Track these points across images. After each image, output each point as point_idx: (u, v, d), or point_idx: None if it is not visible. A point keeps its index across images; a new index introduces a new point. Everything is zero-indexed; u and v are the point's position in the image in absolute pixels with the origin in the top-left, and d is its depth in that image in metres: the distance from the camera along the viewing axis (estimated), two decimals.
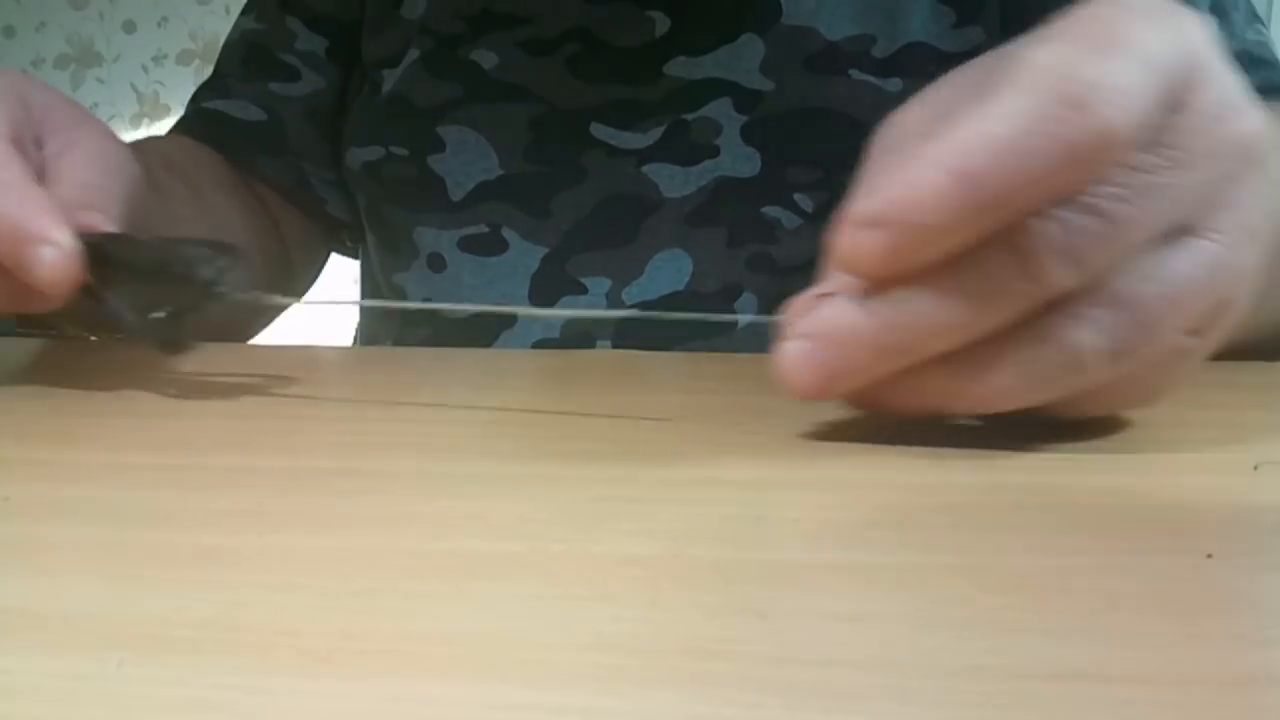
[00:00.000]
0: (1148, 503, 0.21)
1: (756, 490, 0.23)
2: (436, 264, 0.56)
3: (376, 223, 0.59)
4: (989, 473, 0.24)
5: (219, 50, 0.64)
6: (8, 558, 0.19)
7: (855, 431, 0.27)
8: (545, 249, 0.54)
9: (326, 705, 0.13)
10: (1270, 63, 0.52)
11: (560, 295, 0.53)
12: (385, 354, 0.53)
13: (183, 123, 0.62)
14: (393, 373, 0.41)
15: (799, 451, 0.26)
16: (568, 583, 0.17)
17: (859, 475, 0.23)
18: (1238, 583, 0.17)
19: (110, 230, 0.33)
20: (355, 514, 0.21)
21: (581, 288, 0.53)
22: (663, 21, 0.53)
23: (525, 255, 0.54)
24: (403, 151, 0.56)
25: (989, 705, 0.13)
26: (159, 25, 2.43)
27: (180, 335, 0.32)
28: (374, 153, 0.57)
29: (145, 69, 2.46)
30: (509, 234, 0.54)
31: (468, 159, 0.55)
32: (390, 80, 0.57)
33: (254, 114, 0.61)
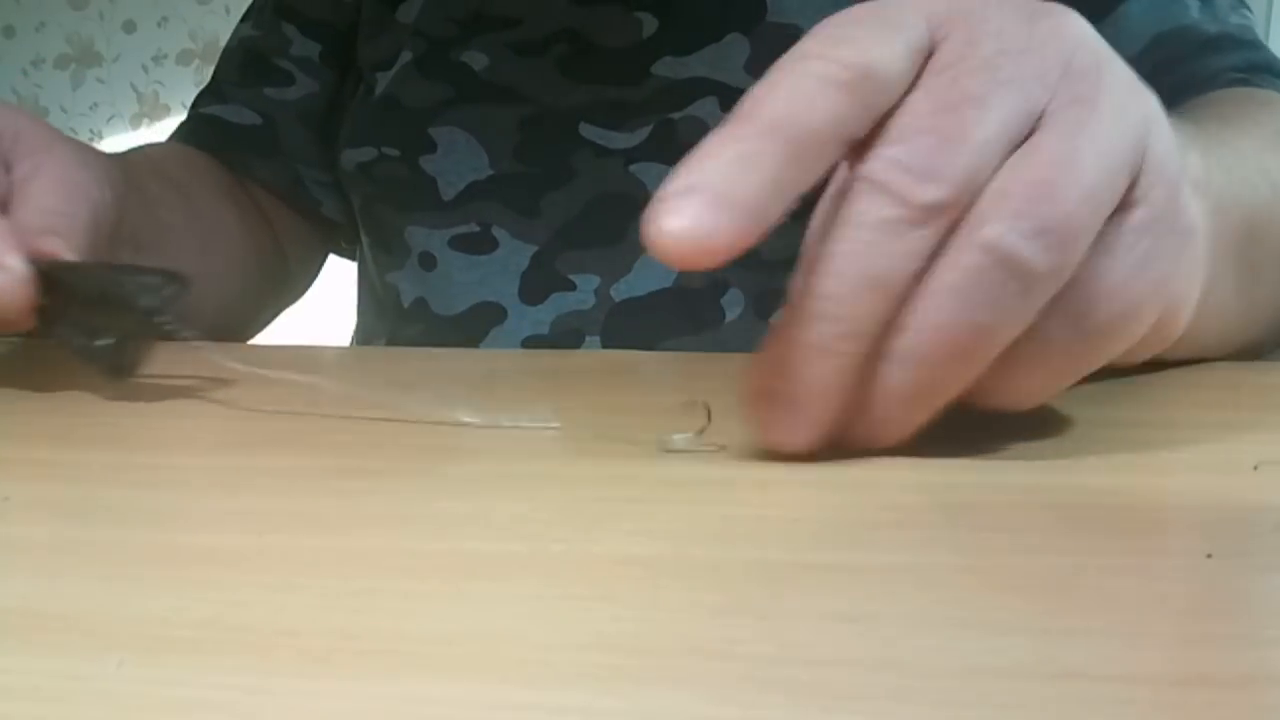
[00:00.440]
0: (1148, 503, 0.21)
1: (756, 490, 0.23)
2: (428, 262, 0.56)
3: (369, 223, 0.60)
4: (989, 473, 0.24)
5: (219, 51, 0.65)
6: (8, 558, 0.19)
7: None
8: (535, 247, 0.54)
9: (326, 705, 0.13)
10: (1253, 44, 0.52)
11: (550, 292, 0.54)
12: (385, 354, 0.53)
13: (181, 129, 0.63)
14: (393, 372, 0.41)
15: (799, 452, 0.26)
16: (568, 583, 0.17)
17: (859, 475, 0.23)
18: (1238, 583, 0.17)
19: (68, 256, 0.34)
20: (355, 514, 0.21)
21: (571, 285, 0.53)
22: (650, 22, 0.54)
23: (515, 253, 0.54)
24: (394, 152, 0.56)
25: (989, 705, 0.13)
26: (159, 25, 2.43)
27: (124, 362, 0.32)
28: (367, 153, 0.57)
29: (145, 69, 2.46)
30: (499, 233, 0.55)
31: (459, 159, 0.55)
32: (383, 82, 0.58)
33: (249, 118, 0.61)
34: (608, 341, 0.52)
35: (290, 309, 0.68)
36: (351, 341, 0.68)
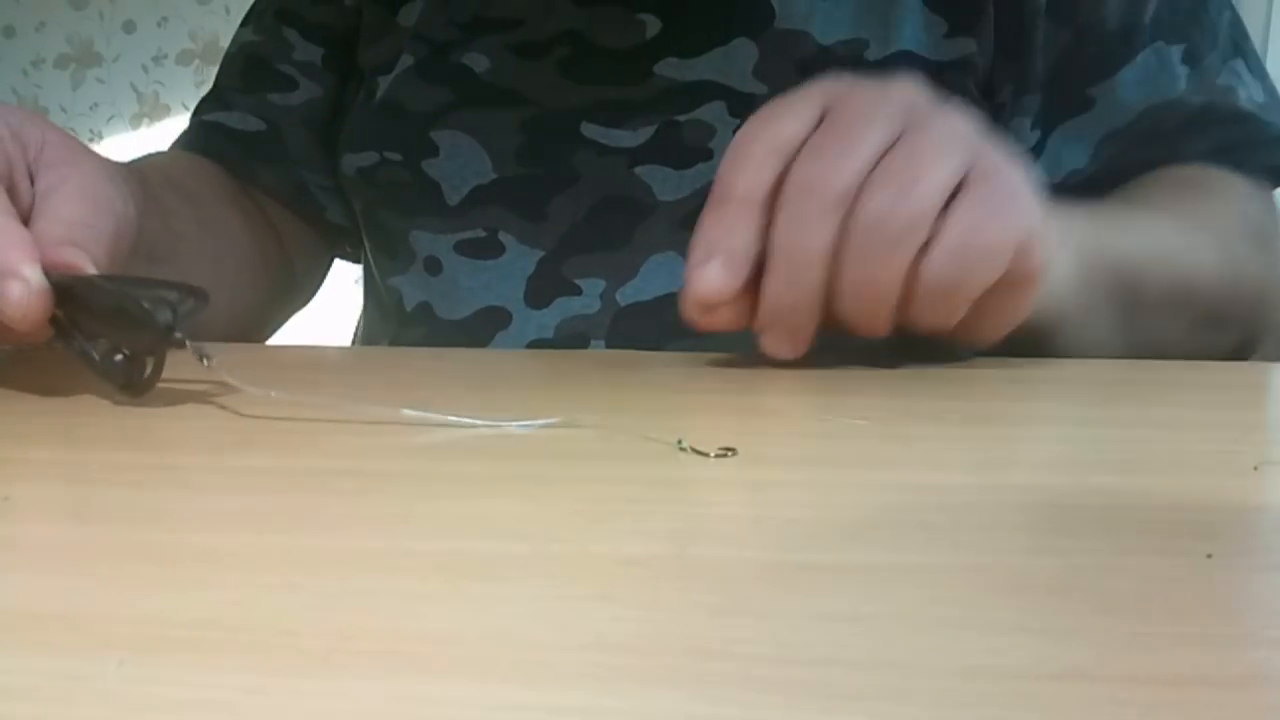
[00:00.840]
0: (1148, 503, 0.21)
1: (756, 490, 0.23)
2: (433, 267, 0.56)
3: (373, 227, 0.60)
4: (989, 473, 0.24)
5: (219, 51, 0.65)
6: (8, 558, 0.19)
7: (855, 430, 0.27)
8: (541, 251, 0.54)
9: (326, 705, 0.13)
10: (1233, 117, 0.52)
11: (555, 296, 0.53)
12: (385, 354, 0.53)
13: (185, 136, 0.63)
14: (393, 373, 0.41)
15: (799, 451, 0.26)
16: (568, 583, 0.17)
17: (859, 475, 0.23)
18: (1238, 583, 0.17)
19: (88, 267, 0.33)
20: (355, 514, 0.21)
21: (576, 289, 0.53)
22: (653, 24, 0.54)
23: (521, 258, 0.54)
24: (396, 156, 0.56)
25: (989, 705, 0.13)
26: (159, 25, 2.43)
27: (140, 378, 0.32)
28: (368, 158, 0.57)
29: (145, 69, 2.46)
30: (505, 238, 0.54)
31: (461, 162, 0.55)
32: (384, 86, 0.58)
33: (253, 124, 0.61)
34: (613, 345, 0.52)
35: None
36: (352, 343, 0.68)
